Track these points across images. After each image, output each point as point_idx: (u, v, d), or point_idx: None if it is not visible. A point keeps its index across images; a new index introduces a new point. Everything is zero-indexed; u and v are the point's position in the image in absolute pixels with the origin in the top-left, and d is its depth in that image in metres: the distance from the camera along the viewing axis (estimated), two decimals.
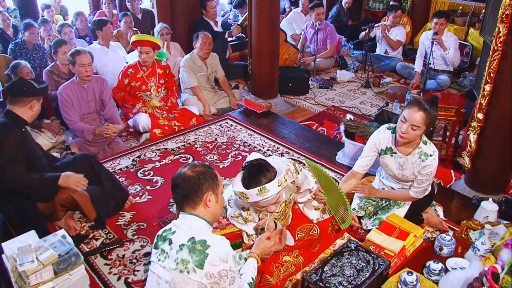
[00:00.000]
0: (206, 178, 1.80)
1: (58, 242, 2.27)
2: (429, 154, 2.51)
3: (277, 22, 4.83)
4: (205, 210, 1.81)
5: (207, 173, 1.81)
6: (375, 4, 8.07)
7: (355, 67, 6.25)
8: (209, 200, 1.80)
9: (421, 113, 2.37)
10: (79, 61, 3.60)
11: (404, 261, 2.49)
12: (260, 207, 2.12)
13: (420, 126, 2.40)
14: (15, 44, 4.88)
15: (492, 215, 2.72)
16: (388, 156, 2.67)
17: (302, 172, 2.40)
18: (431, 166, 2.52)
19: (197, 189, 1.78)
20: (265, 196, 1.98)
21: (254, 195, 1.99)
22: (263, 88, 4.87)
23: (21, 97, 2.65)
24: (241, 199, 2.07)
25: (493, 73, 2.87)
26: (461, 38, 6.09)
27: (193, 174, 1.79)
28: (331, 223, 2.59)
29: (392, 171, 2.70)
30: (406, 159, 2.59)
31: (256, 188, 1.97)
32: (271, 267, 2.29)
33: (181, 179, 1.80)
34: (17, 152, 2.59)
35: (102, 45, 4.96)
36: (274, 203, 2.09)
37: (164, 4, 5.71)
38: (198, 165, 1.84)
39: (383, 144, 2.67)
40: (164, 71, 4.32)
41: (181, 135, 4.16)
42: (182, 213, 1.83)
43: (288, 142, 4.02)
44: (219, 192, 1.86)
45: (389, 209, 2.82)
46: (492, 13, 3.51)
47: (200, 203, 1.80)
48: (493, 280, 1.85)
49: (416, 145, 2.55)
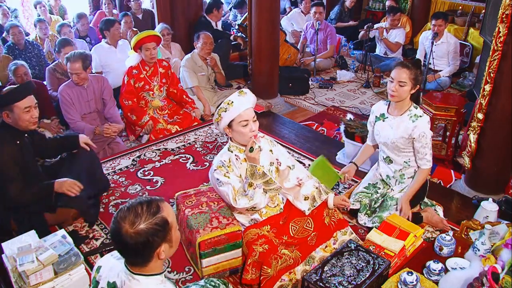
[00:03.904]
0: (155, 235, 1.44)
1: (58, 242, 2.27)
2: (419, 115, 2.72)
3: (277, 22, 4.83)
4: (156, 263, 1.52)
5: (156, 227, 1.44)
6: (375, 4, 8.08)
7: (355, 67, 6.25)
8: (162, 251, 1.49)
9: (405, 70, 2.66)
10: (70, 68, 3.59)
11: (404, 261, 2.50)
12: (244, 120, 2.35)
13: (407, 82, 2.65)
14: (8, 47, 4.91)
15: (492, 215, 2.72)
16: (380, 122, 2.87)
17: (278, 146, 2.65)
18: (423, 125, 2.69)
19: (146, 250, 1.46)
20: (245, 97, 2.36)
21: (235, 97, 2.36)
22: (263, 88, 4.87)
23: (11, 104, 2.54)
24: (227, 108, 2.33)
25: (493, 73, 2.87)
26: (461, 38, 6.09)
27: (139, 236, 1.42)
28: (326, 213, 2.60)
29: (384, 137, 2.84)
30: (397, 121, 2.77)
31: (236, 92, 2.39)
32: (270, 258, 2.31)
33: (122, 241, 1.43)
34: (12, 171, 2.57)
35: (110, 44, 4.98)
36: (253, 120, 2.38)
37: (164, 4, 5.71)
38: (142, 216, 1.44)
39: (377, 111, 2.92)
40: (166, 71, 4.33)
41: (181, 135, 4.16)
42: (129, 270, 1.52)
43: (288, 142, 4.02)
44: (173, 235, 1.52)
45: (387, 205, 2.84)
46: (492, 13, 3.51)
47: (151, 260, 1.50)
48: (493, 280, 1.85)
49: (407, 108, 2.76)
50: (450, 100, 3.85)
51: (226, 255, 2.42)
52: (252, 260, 2.32)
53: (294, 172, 2.59)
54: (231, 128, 2.39)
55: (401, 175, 2.88)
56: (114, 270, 1.59)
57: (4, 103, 2.56)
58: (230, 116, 2.34)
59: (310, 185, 2.59)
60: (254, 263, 2.32)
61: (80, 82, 3.65)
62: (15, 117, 2.59)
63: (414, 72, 2.67)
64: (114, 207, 3.11)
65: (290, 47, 6.03)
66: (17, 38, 4.90)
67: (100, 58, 4.97)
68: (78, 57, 3.58)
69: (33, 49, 5.00)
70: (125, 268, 1.53)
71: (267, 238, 2.40)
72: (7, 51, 4.87)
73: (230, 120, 2.36)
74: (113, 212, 3.06)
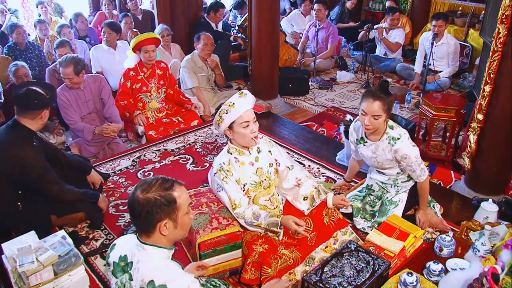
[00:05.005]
0: (158, 206, 1.57)
1: (58, 243, 2.26)
2: (396, 138, 2.60)
3: (277, 23, 4.83)
4: (160, 237, 1.64)
5: (161, 199, 1.58)
6: (375, 5, 8.08)
7: (355, 68, 6.25)
8: (164, 227, 1.61)
9: (377, 103, 2.50)
10: (62, 72, 3.58)
11: (404, 262, 2.49)
12: (245, 121, 2.34)
13: (381, 114, 2.52)
14: (8, 48, 4.90)
15: (492, 216, 2.72)
16: (361, 145, 2.80)
17: (276, 146, 2.63)
18: (403, 148, 2.59)
19: (148, 218, 1.59)
20: (245, 99, 2.35)
21: (236, 98, 2.35)
22: (263, 89, 4.87)
23: (31, 110, 2.55)
24: (229, 110, 2.33)
25: (493, 74, 2.87)
26: (461, 39, 6.09)
27: (143, 201, 1.57)
28: (325, 213, 2.60)
29: (368, 160, 2.81)
30: (377, 145, 2.69)
31: (237, 93, 2.39)
32: (269, 258, 2.31)
33: (131, 204, 1.60)
34: (42, 165, 2.59)
35: (109, 46, 5.00)
36: (254, 121, 2.38)
37: (164, 5, 5.71)
38: (154, 187, 1.60)
39: (355, 135, 2.85)
40: (164, 72, 4.33)
41: (181, 135, 4.16)
42: (138, 240, 1.66)
43: (288, 143, 4.02)
44: (180, 216, 1.64)
45: (386, 210, 2.82)
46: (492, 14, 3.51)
47: (154, 231, 1.62)
48: (493, 281, 1.85)
49: (384, 131, 2.65)
50: (450, 101, 3.85)
51: (226, 255, 2.42)
52: (252, 260, 2.32)
53: (293, 173, 2.59)
54: (232, 129, 2.39)
55: (394, 180, 2.85)
56: (127, 244, 1.71)
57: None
58: (231, 118, 2.34)
59: (309, 185, 2.59)
60: (254, 263, 2.33)
61: (73, 86, 3.64)
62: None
63: (387, 102, 2.54)
64: (114, 208, 3.10)
65: (290, 48, 6.03)
66: (21, 37, 4.89)
67: (99, 59, 4.98)
68: (70, 61, 3.53)
69: (33, 49, 5.00)
70: (137, 240, 1.66)
71: (267, 238, 2.40)
72: (7, 51, 4.86)
73: (231, 122, 2.36)
74: (113, 213, 3.05)
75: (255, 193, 2.49)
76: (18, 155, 2.50)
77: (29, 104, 2.54)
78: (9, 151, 2.50)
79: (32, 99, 2.55)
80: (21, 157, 2.50)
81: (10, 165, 2.50)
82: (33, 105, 2.54)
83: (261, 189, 2.50)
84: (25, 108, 2.54)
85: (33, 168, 2.55)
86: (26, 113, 2.55)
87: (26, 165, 2.52)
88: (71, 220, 2.88)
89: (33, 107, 2.55)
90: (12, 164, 2.50)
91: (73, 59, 3.56)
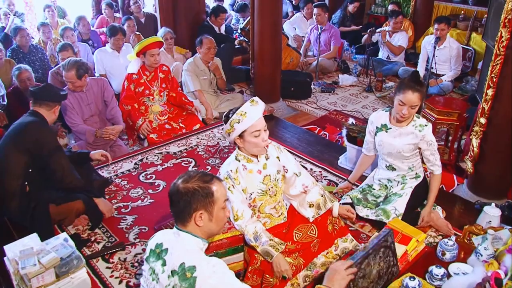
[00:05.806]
0: (196, 196, 1.67)
1: (60, 245, 2.27)
2: (424, 125, 2.74)
3: (280, 26, 4.84)
4: (195, 227, 1.73)
5: (200, 190, 1.68)
6: (378, 8, 8.09)
7: (357, 71, 6.26)
8: (200, 218, 1.70)
9: (416, 94, 2.62)
10: (64, 76, 3.61)
11: (406, 266, 2.48)
12: (257, 130, 2.29)
13: (418, 104, 2.66)
14: (12, 50, 4.93)
15: (495, 220, 2.71)
16: (383, 132, 2.85)
17: (284, 152, 2.60)
18: (429, 134, 2.73)
19: (185, 207, 1.68)
20: (256, 107, 2.28)
21: (248, 107, 2.28)
22: (265, 92, 4.87)
23: (47, 102, 2.83)
24: (241, 120, 2.27)
25: (495, 77, 2.87)
26: (463, 43, 6.09)
27: (183, 191, 1.68)
28: (330, 221, 2.59)
29: (388, 147, 2.83)
30: (401, 132, 2.78)
31: (248, 102, 2.32)
32: (272, 267, 2.29)
33: (172, 193, 1.72)
34: (55, 143, 2.83)
35: (114, 49, 5.04)
36: (264, 129, 2.33)
37: (166, 8, 5.74)
38: (194, 178, 1.71)
39: (379, 121, 2.88)
40: (166, 76, 4.34)
41: (183, 138, 4.17)
42: (176, 227, 1.76)
43: (290, 146, 4.02)
44: (215, 210, 1.73)
45: (391, 200, 2.87)
46: (494, 18, 3.52)
47: (190, 221, 1.71)
48: (496, 286, 1.84)
49: (412, 118, 2.76)
50: (453, 105, 3.85)
51: (228, 259, 2.41)
52: (253, 267, 2.31)
53: (301, 179, 2.55)
54: (243, 138, 2.32)
55: (403, 176, 2.90)
56: (164, 235, 1.80)
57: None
58: (243, 127, 2.28)
59: (315, 192, 2.56)
60: (256, 270, 2.32)
61: (76, 89, 3.66)
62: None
63: (424, 92, 2.69)
64: (116, 210, 3.11)
65: (292, 51, 6.05)
66: (25, 40, 4.92)
67: (103, 62, 4.99)
68: (72, 65, 3.56)
69: (37, 52, 5.03)
70: (175, 228, 1.75)
71: None
72: (11, 54, 4.89)
73: (243, 131, 2.32)
74: (115, 215, 3.06)
75: (262, 201, 2.46)
76: (36, 129, 2.76)
77: (48, 95, 2.84)
78: (28, 124, 2.77)
79: (51, 91, 2.88)
80: (38, 131, 2.75)
81: (27, 137, 2.72)
82: (51, 96, 2.85)
83: (267, 197, 2.47)
84: (43, 99, 2.83)
85: (47, 142, 2.76)
86: (43, 103, 2.83)
87: (41, 138, 2.74)
88: (68, 211, 2.87)
89: (50, 99, 2.84)
90: (29, 136, 2.72)
91: (76, 63, 3.58)
